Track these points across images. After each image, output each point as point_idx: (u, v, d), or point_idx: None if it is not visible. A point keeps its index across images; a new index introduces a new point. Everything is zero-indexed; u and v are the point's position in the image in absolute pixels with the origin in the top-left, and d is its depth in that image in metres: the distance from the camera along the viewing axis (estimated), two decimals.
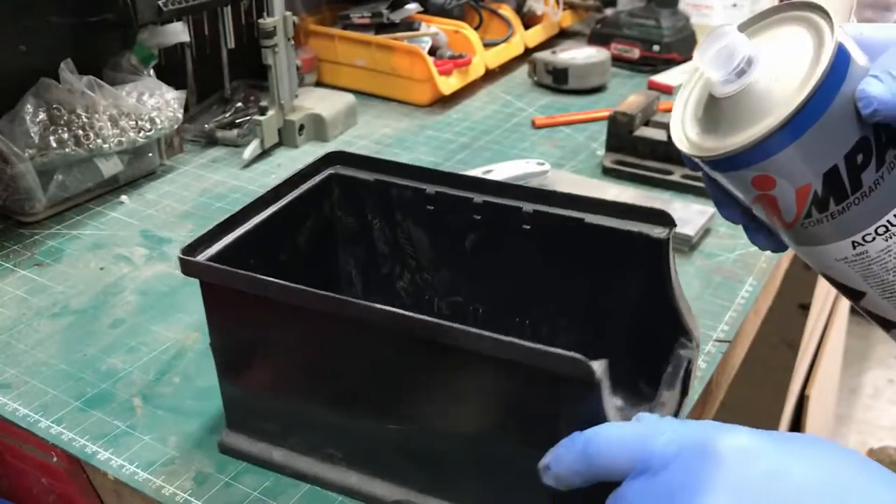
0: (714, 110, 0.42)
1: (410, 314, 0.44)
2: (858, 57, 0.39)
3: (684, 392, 0.50)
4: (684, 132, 0.43)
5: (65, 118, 0.83)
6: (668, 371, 0.50)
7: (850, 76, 0.38)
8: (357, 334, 0.48)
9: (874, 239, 0.40)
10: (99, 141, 0.84)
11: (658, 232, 0.53)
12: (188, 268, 0.49)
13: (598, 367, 0.40)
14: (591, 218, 0.55)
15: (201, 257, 0.50)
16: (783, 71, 0.40)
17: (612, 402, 0.42)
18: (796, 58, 0.39)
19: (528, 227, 0.57)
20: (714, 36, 0.40)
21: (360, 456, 0.52)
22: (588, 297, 0.58)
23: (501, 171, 0.88)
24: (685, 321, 0.53)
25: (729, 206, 0.45)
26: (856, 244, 0.41)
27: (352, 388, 0.50)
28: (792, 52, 0.40)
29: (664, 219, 0.53)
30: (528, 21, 1.34)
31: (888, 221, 0.40)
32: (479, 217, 0.59)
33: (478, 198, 0.58)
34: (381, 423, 0.49)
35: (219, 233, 0.52)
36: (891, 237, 0.40)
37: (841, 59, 0.38)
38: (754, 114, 0.40)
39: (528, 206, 0.57)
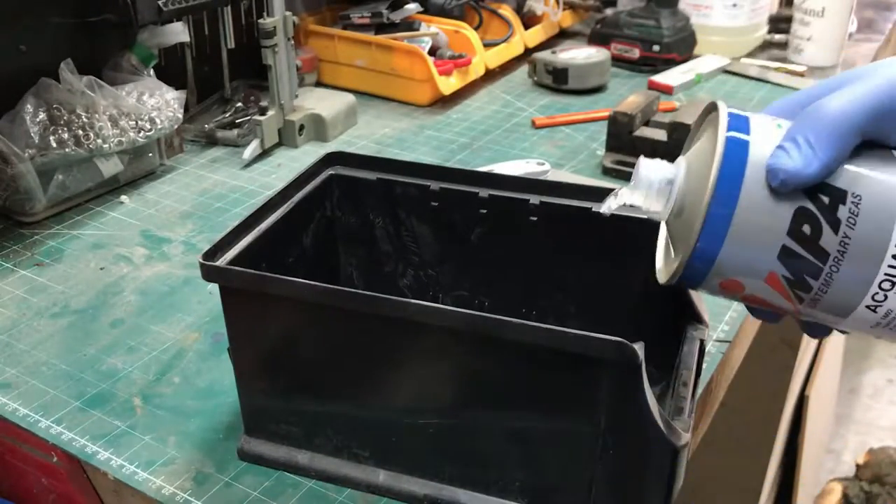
0: (668, 235, 0.44)
1: (451, 308, 0.45)
2: (763, 139, 0.39)
3: (697, 373, 0.51)
4: (660, 262, 0.46)
5: (65, 118, 0.83)
6: (684, 350, 0.51)
7: (754, 161, 0.39)
8: (390, 332, 0.48)
9: (886, 297, 0.39)
10: (99, 141, 0.84)
11: None
12: (211, 273, 0.49)
13: (639, 349, 0.41)
14: (598, 206, 0.56)
15: (221, 262, 0.50)
16: (696, 182, 0.41)
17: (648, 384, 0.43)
18: (705, 165, 0.40)
19: (535, 218, 0.58)
20: (636, 168, 0.42)
21: (387, 453, 0.52)
22: (596, 285, 0.58)
23: (501, 172, 0.88)
24: (695, 304, 0.54)
25: (757, 312, 0.45)
26: (873, 308, 0.39)
27: (382, 386, 0.50)
28: (703, 161, 0.41)
29: None
30: (528, 21, 1.34)
31: (886, 275, 0.38)
32: (485, 211, 0.59)
33: (483, 192, 0.59)
34: (415, 420, 0.50)
35: (234, 237, 0.52)
36: None
37: (733, 152, 0.39)
38: (685, 230, 0.41)
39: (534, 198, 0.57)
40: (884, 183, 0.38)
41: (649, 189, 0.42)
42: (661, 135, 0.94)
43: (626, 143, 0.95)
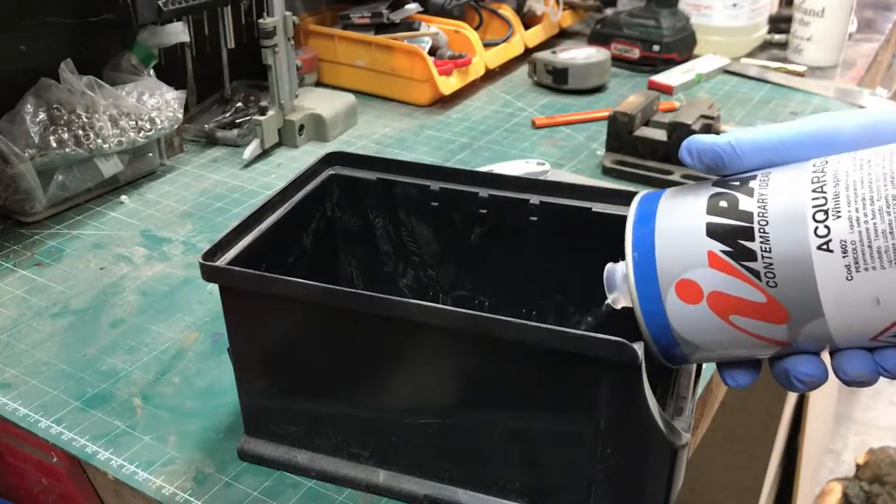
0: None
1: (451, 308, 0.45)
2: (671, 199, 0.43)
3: (697, 373, 0.51)
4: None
5: (65, 118, 0.83)
6: None
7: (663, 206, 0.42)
8: (390, 332, 0.48)
9: (829, 229, 0.37)
10: (99, 141, 0.84)
11: None
12: (211, 273, 0.49)
13: (639, 349, 0.41)
14: (598, 206, 0.56)
15: (221, 262, 0.50)
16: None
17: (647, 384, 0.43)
18: None
19: (535, 218, 0.58)
20: (604, 274, 0.46)
21: (387, 453, 0.52)
22: (596, 285, 0.58)
23: (501, 172, 0.88)
24: None
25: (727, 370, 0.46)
26: (824, 247, 0.37)
27: (382, 386, 0.50)
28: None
29: None
30: (528, 21, 1.34)
31: (815, 206, 0.37)
32: (484, 211, 0.59)
33: (483, 192, 0.59)
34: (415, 420, 0.50)
35: (234, 237, 0.52)
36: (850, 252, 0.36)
37: (640, 233, 0.43)
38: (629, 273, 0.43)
39: (534, 198, 0.57)
40: (786, 160, 0.41)
41: (616, 288, 0.46)
42: (661, 135, 0.94)
43: (626, 143, 0.96)
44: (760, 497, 1.54)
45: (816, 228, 0.37)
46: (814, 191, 0.38)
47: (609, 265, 0.46)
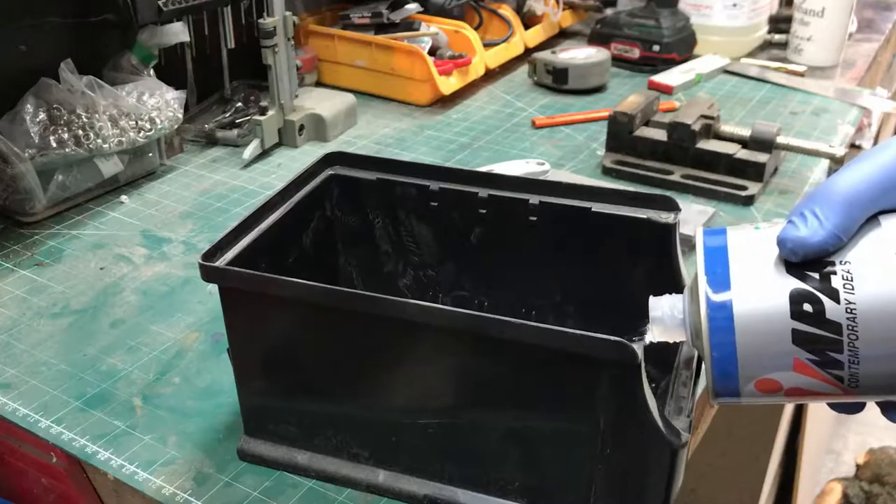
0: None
1: (451, 308, 0.45)
2: (743, 253, 0.41)
3: (697, 372, 0.51)
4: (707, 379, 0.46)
5: (65, 118, 0.83)
6: (683, 350, 0.51)
7: (737, 274, 0.40)
8: (390, 332, 0.48)
9: None
10: (99, 141, 0.84)
11: (665, 217, 0.55)
12: (211, 274, 0.49)
13: (638, 349, 0.41)
14: (598, 206, 0.56)
15: (220, 262, 0.50)
16: (696, 309, 0.42)
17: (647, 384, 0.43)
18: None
19: (535, 218, 0.58)
20: (650, 308, 0.45)
21: (387, 453, 0.52)
22: (595, 285, 0.59)
23: (501, 172, 0.88)
24: None
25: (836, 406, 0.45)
26: None
27: (382, 386, 0.50)
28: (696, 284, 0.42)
29: (670, 204, 0.55)
30: (528, 21, 1.34)
31: None
32: (484, 211, 0.59)
33: (483, 192, 0.59)
34: (414, 420, 0.50)
35: (234, 237, 0.52)
36: None
37: (713, 278, 0.40)
38: (704, 353, 0.41)
39: (534, 199, 0.57)
40: (871, 244, 0.39)
41: (665, 326, 0.44)
42: (661, 135, 0.94)
43: (626, 143, 0.95)
44: (760, 497, 1.54)
45: None
46: None
47: (657, 302, 0.45)
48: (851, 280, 0.38)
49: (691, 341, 0.44)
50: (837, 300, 0.38)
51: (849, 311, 0.38)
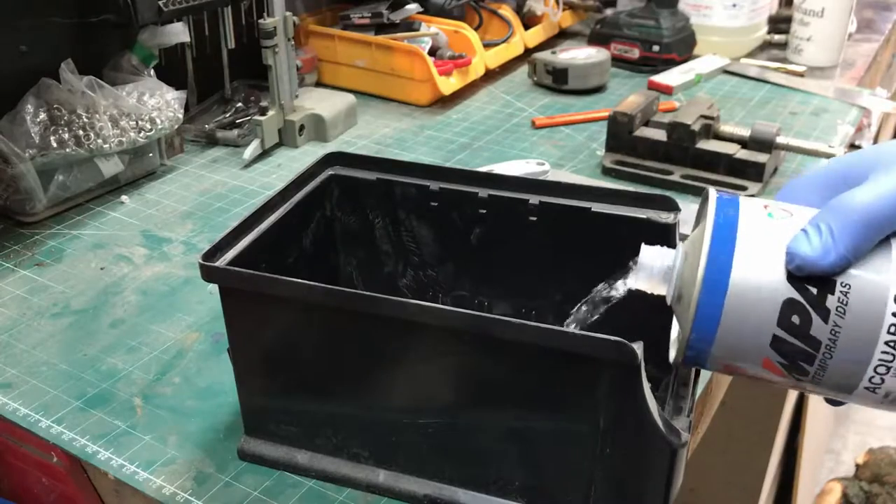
0: (677, 317, 0.45)
1: (451, 308, 0.45)
2: (752, 230, 0.40)
3: (697, 372, 0.51)
4: (673, 339, 0.46)
5: (65, 118, 0.83)
6: None
7: (742, 254, 0.39)
8: (390, 332, 0.48)
9: (883, 380, 0.39)
10: (99, 141, 0.84)
11: (665, 217, 0.55)
12: (211, 274, 0.49)
13: (638, 349, 0.41)
14: (597, 206, 0.56)
15: (220, 262, 0.50)
16: (690, 271, 0.41)
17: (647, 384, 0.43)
18: (697, 255, 0.41)
19: (535, 218, 0.58)
20: (641, 254, 0.44)
21: (387, 453, 0.52)
22: (595, 285, 0.58)
23: (501, 172, 0.88)
24: None
25: None
26: (872, 389, 0.40)
27: (382, 386, 0.50)
28: (696, 250, 0.41)
29: (669, 204, 0.55)
30: (528, 21, 1.34)
31: (881, 360, 0.39)
32: (484, 211, 0.59)
33: (483, 192, 0.59)
34: (414, 420, 0.50)
35: (234, 237, 0.52)
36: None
37: (719, 246, 0.39)
38: (684, 317, 0.41)
39: (533, 199, 0.57)
40: (873, 271, 0.38)
41: (651, 275, 0.44)
42: (660, 135, 0.94)
43: (625, 143, 0.96)
44: (760, 497, 1.54)
45: (872, 378, 0.39)
46: (887, 344, 0.38)
47: (649, 250, 0.44)
48: (846, 304, 0.38)
49: (670, 300, 0.44)
50: (826, 320, 0.38)
51: (833, 332, 0.38)
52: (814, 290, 0.39)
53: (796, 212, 0.41)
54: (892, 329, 0.38)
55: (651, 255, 0.44)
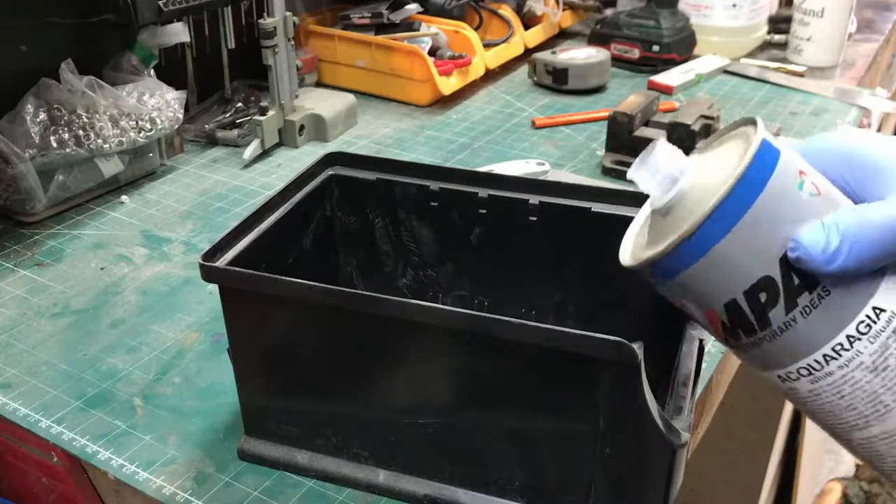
0: (653, 224, 0.43)
1: (451, 308, 0.45)
2: (781, 189, 0.38)
3: (697, 372, 0.51)
4: (630, 245, 0.45)
5: (65, 118, 0.83)
6: (683, 350, 0.51)
7: (763, 202, 0.38)
8: (390, 332, 0.48)
9: (798, 379, 0.40)
10: (99, 141, 0.84)
11: None
12: (211, 274, 0.49)
13: (638, 349, 0.41)
14: (597, 206, 0.56)
15: (220, 262, 0.50)
16: (699, 192, 0.39)
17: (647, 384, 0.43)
18: (714, 180, 0.39)
19: (535, 218, 0.58)
20: (647, 149, 0.41)
21: (387, 453, 0.52)
22: (595, 285, 0.59)
23: (501, 172, 0.88)
24: None
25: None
26: (783, 379, 0.40)
27: (382, 386, 0.50)
28: (713, 174, 0.40)
29: None
30: (528, 21, 1.34)
31: (809, 365, 0.39)
32: (484, 211, 0.59)
33: (483, 192, 0.59)
34: (414, 419, 0.50)
35: (234, 238, 0.52)
36: (815, 381, 0.39)
37: (746, 187, 0.38)
38: (667, 230, 0.40)
39: (533, 199, 0.57)
40: (854, 292, 0.38)
41: (653, 174, 0.41)
42: (660, 135, 0.94)
43: (625, 143, 0.95)
44: (760, 497, 1.54)
45: (790, 373, 0.40)
46: (824, 356, 0.39)
47: (665, 148, 0.41)
48: (814, 307, 0.38)
49: (657, 206, 0.42)
50: (788, 311, 0.38)
51: (787, 325, 0.38)
52: (796, 281, 0.38)
53: (824, 192, 0.39)
54: (837, 347, 0.38)
55: (663, 155, 0.41)
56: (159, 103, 0.90)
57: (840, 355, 0.38)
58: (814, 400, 0.40)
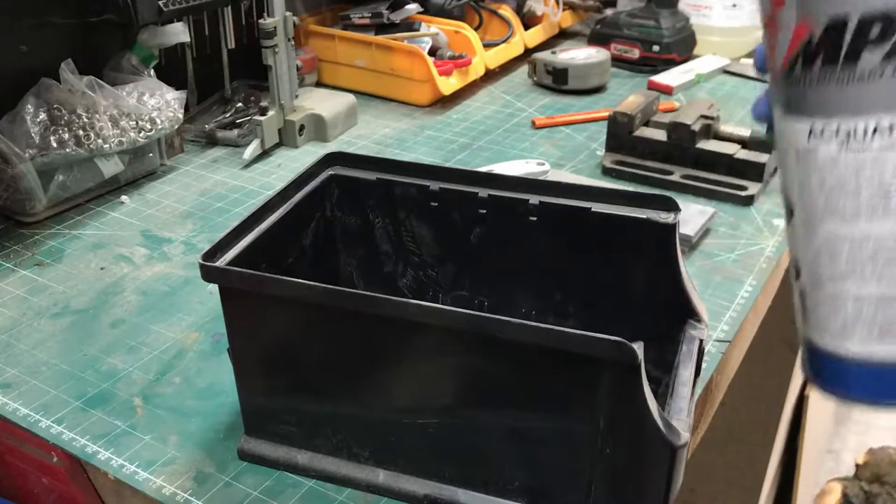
0: None
1: (451, 308, 0.45)
2: None
3: (697, 372, 0.51)
4: None
5: (65, 118, 0.83)
6: (683, 350, 0.51)
7: None
8: (390, 332, 0.48)
9: (831, 139, 0.36)
10: (99, 141, 0.84)
11: (665, 217, 0.55)
12: (211, 274, 0.49)
13: (638, 349, 0.41)
14: (597, 206, 0.56)
15: (220, 262, 0.50)
16: None
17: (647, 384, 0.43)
18: None
19: (535, 218, 0.58)
20: None
21: (387, 453, 0.52)
22: (595, 285, 0.59)
23: (501, 172, 0.88)
24: (693, 303, 0.54)
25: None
26: (812, 133, 0.36)
27: (382, 386, 0.50)
28: None
29: (669, 204, 0.55)
30: (528, 21, 1.34)
31: (853, 129, 0.35)
32: (484, 211, 0.59)
33: (483, 192, 0.59)
34: (414, 419, 0.50)
35: (234, 238, 0.52)
36: (845, 150, 0.35)
37: None
38: None
39: (534, 199, 0.57)
40: None
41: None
42: (661, 135, 0.94)
43: (625, 143, 0.96)
44: (760, 497, 1.54)
45: (821, 130, 0.36)
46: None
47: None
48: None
49: None
50: (885, 59, 0.34)
51: (872, 73, 0.34)
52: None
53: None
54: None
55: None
56: (159, 103, 0.90)
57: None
58: (823, 169, 0.37)
